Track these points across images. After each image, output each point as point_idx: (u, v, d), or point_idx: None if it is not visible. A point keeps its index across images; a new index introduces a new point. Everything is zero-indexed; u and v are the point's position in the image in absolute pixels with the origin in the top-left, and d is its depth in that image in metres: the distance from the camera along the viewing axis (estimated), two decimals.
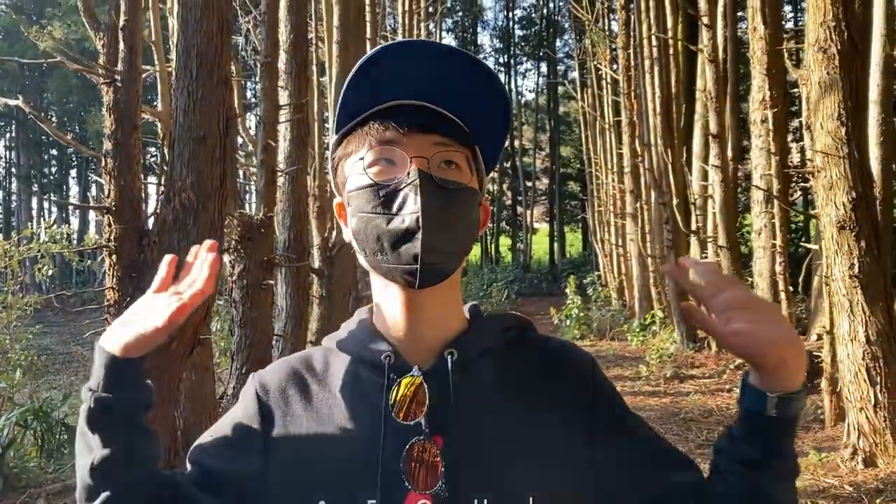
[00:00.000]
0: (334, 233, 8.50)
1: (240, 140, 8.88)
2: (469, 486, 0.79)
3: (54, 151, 36.99)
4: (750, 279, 9.77)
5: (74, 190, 38.58)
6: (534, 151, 38.08)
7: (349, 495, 0.80)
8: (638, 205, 14.33)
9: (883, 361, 4.78)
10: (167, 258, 0.87)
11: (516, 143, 36.45)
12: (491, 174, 0.96)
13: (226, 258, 5.90)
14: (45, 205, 38.17)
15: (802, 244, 7.47)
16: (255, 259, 6.28)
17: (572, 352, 0.94)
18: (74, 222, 32.70)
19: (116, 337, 0.81)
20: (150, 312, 0.82)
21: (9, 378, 5.45)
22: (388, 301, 0.88)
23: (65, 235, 6.33)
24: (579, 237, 37.38)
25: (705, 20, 8.92)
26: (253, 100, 26.06)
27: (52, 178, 38.28)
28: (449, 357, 0.85)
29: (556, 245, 33.70)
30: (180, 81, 4.60)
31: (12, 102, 5.29)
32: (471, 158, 0.88)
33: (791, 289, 7.15)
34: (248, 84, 25.11)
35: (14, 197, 37.09)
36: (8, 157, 38.06)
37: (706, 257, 10.32)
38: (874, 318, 4.82)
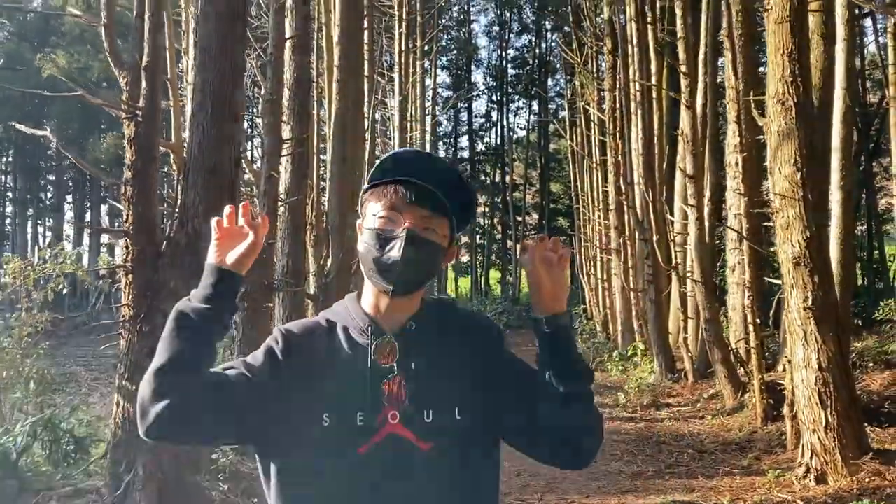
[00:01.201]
0: (329, 261, 8.91)
1: None
2: (420, 403, 1.29)
3: (52, 176, 37.33)
4: (726, 314, 10.23)
5: (69, 215, 38.85)
6: (524, 187, 38.71)
7: (347, 411, 1.28)
8: (622, 240, 14.81)
9: (833, 387, 5.21)
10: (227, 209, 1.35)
11: (507, 178, 37.12)
12: (463, 231, 1.51)
13: None
14: (41, 228, 38.42)
15: (768, 279, 7.91)
16: (255, 283, 6.69)
17: (485, 319, 1.53)
18: (67, 246, 32.87)
19: (222, 255, 1.30)
20: (238, 236, 1.30)
21: (23, 389, 5.80)
22: (374, 294, 1.38)
23: (75, 257, 6.70)
24: (567, 271, 37.82)
25: (683, 68, 9.48)
26: (250, 130, 26.58)
27: (49, 202, 38.56)
28: (410, 326, 1.36)
29: None
30: (196, 117, 5.06)
31: (39, 133, 5.72)
32: (445, 225, 1.36)
33: (759, 321, 7.58)
34: (246, 115, 25.60)
35: (9, 220, 37.30)
36: (4, 180, 38.35)
37: (684, 290, 10.78)
38: (826, 346, 5.25)
